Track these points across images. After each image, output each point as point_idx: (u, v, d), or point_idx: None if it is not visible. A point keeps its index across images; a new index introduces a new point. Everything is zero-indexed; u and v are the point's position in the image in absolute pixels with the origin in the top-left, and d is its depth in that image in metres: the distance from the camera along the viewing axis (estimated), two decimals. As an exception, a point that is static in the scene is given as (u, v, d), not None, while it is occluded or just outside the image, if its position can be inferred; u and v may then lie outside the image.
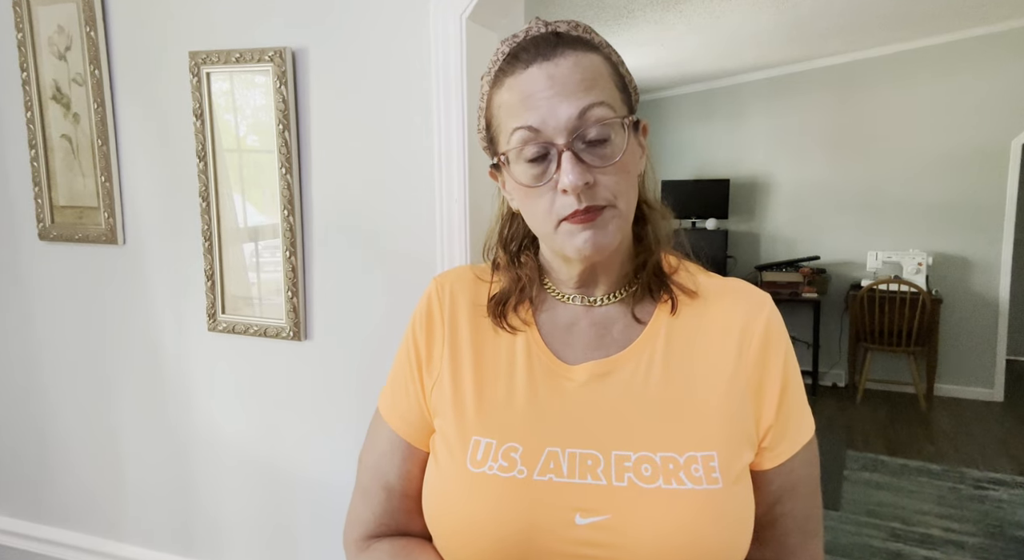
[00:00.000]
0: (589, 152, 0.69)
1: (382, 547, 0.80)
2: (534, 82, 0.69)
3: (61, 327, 1.89)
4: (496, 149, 0.76)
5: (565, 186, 0.67)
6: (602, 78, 0.70)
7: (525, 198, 0.73)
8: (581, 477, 0.68)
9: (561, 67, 0.69)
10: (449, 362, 0.78)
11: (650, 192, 0.81)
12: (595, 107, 0.68)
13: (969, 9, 3.95)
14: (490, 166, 0.80)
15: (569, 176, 0.67)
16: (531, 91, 0.69)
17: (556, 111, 0.67)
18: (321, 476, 1.66)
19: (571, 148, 0.68)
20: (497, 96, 0.73)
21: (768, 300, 0.78)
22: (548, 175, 0.69)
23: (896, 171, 4.73)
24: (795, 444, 0.76)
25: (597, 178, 0.69)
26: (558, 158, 0.68)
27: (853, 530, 2.86)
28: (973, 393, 4.69)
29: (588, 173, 0.68)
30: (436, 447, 0.77)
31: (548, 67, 0.69)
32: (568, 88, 0.68)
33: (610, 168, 0.69)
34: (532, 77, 0.69)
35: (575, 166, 0.67)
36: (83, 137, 1.74)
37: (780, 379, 0.75)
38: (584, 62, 0.70)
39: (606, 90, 0.70)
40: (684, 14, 3.42)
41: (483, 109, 0.77)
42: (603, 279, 0.78)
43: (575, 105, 0.67)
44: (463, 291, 0.83)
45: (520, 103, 0.70)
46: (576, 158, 0.67)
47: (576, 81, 0.68)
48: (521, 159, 0.71)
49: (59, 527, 1.98)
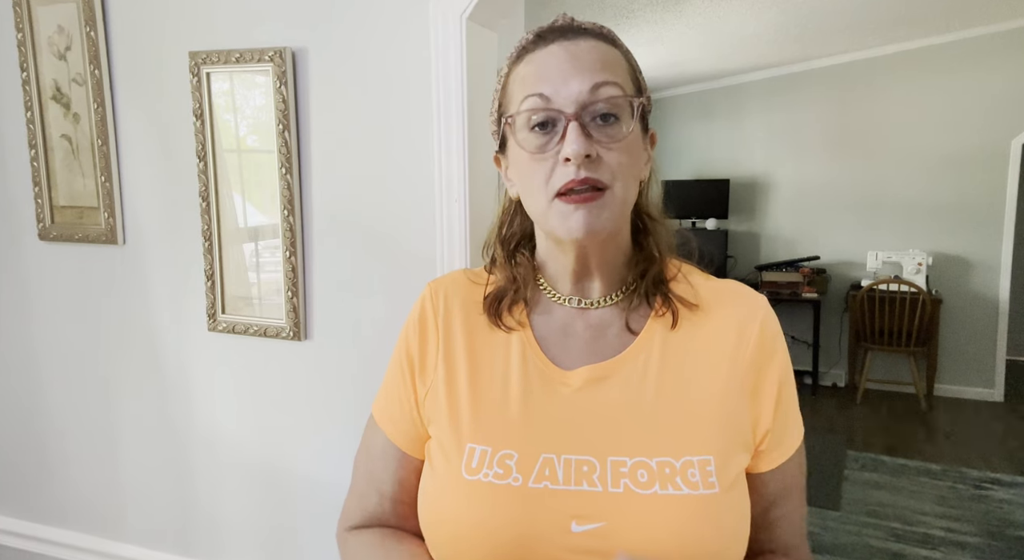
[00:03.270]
0: (595, 127, 0.69)
1: (367, 534, 0.82)
2: (553, 56, 0.71)
3: (61, 327, 1.89)
4: (503, 118, 0.76)
5: (568, 154, 0.68)
6: (618, 65, 0.73)
7: (525, 168, 0.73)
8: (577, 484, 0.68)
9: (581, 47, 0.71)
10: (444, 369, 0.77)
11: (653, 204, 0.81)
12: (607, 85, 0.69)
13: (969, 9, 3.95)
14: (495, 151, 0.80)
15: (573, 145, 0.67)
16: (549, 63, 0.71)
17: (569, 82, 0.69)
18: (321, 476, 1.66)
19: (579, 119, 0.68)
20: (515, 70, 0.75)
21: (764, 302, 0.77)
22: (552, 145, 0.70)
23: (896, 171, 4.73)
24: (791, 447, 0.76)
25: (600, 154, 0.69)
26: (564, 128, 0.69)
27: (853, 530, 2.86)
28: (973, 393, 4.69)
29: (591, 147, 0.68)
30: (432, 454, 0.76)
31: (569, 46, 0.71)
32: (585, 64, 0.70)
33: (614, 146, 0.69)
34: (552, 52, 0.72)
35: (580, 136, 0.68)
36: (83, 137, 1.74)
37: (777, 382, 0.74)
38: (603, 48, 0.72)
39: (620, 75, 0.72)
40: (684, 14, 3.42)
41: (499, 91, 0.78)
42: (599, 278, 0.78)
43: (588, 79, 0.69)
44: (457, 296, 0.82)
45: (535, 73, 0.72)
46: (582, 128, 0.68)
47: (593, 59, 0.70)
48: (527, 126, 0.71)
49: (59, 527, 1.98)
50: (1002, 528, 2.88)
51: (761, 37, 4.07)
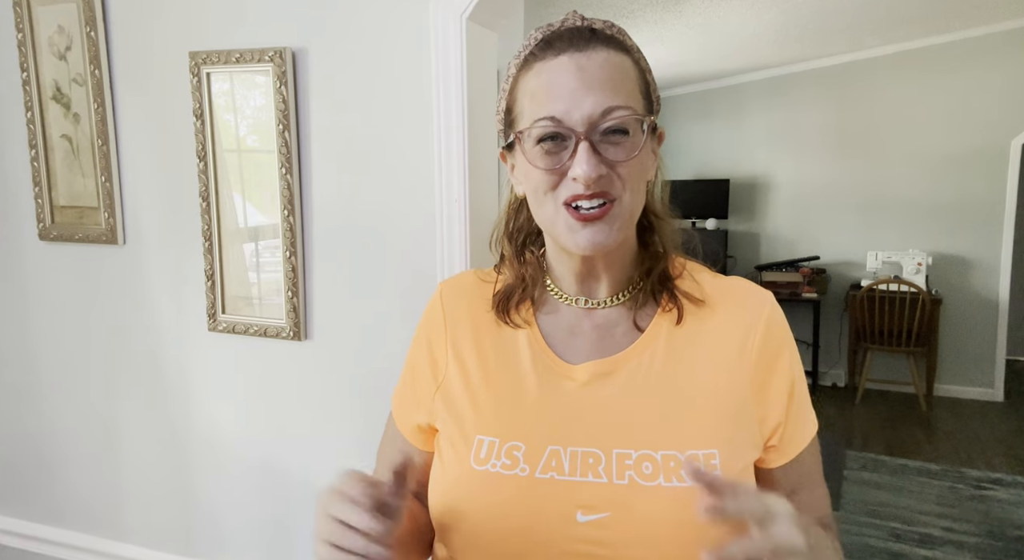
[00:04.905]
0: (606, 144, 0.69)
1: None
2: (564, 71, 0.70)
3: (61, 327, 1.89)
4: (513, 130, 0.76)
5: (577, 175, 0.68)
6: (629, 80, 0.71)
7: (534, 177, 0.73)
8: (583, 475, 0.69)
9: (592, 60, 0.69)
10: (454, 365, 0.80)
11: (658, 202, 0.81)
12: (619, 109, 0.69)
13: (969, 9, 3.95)
14: (502, 147, 0.80)
15: (584, 166, 0.67)
16: (560, 80, 0.70)
17: (581, 104, 0.68)
18: (320, 475, 1.66)
19: (589, 138, 0.68)
20: (524, 80, 0.74)
21: (770, 298, 0.78)
22: (562, 161, 0.70)
23: (896, 171, 4.73)
24: (804, 440, 0.77)
25: (609, 171, 0.69)
26: (575, 146, 0.69)
27: (853, 530, 2.86)
28: (973, 393, 4.69)
29: (601, 165, 0.68)
30: (440, 447, 0.78)
31: (579, 58, 0.70)
32: (596, 83, 0.69)
33: (624, 164, 0.69)
34: (562, 65, 0.70)
35: (591, 157, 0.68)
36: (83, 137, 1.74)
37: (788, 378, 0.75)
38: (614, 61, 0.71)
39: (631, 94, 0.71)
40: (684, 14, 3.43)
41: (506, 91, 0.77)
42: (605, 279, 0.78)
43: (600, 103, 0.68)
44: (467, 295, 0.84)
45: (546, 90, 0.70)
46: (592, 149, 0.68)
47: (604, 77, 0.69)
48: (538, 141, 0.71)
49: (59, 527, 1.98)
50: (1002, 528, 2.88)
51: (761, 37, 4.07)
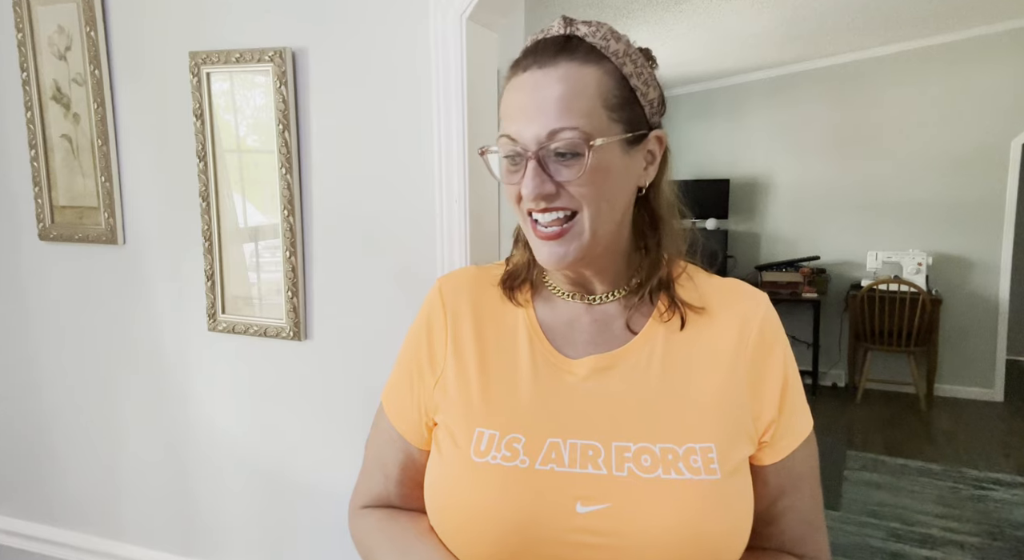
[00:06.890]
0: (556, 163, 0.71)
1: (378, 512, 0.86)
2: (521, 90, 0.72)
3: (61, 327, 1.89)
4: None
5: (523, 194, 0.71)
6: (585, 98, 0.70)
7: (506, 191, 0.78)
8: (582, 467, 0.70)
9: (549, 77, 0.71)
10: (453, 359, 0.80)
11: (664, 205, 0.82)
12: (565, 131, 0.69)
13: (969, 9, 3.95)
14: None
15: (528, 186, 0.71)
16: (516, 100, 0.73)
17: (530, 125, 0.71)
18: (320, 476, 1.66)
19: (538, 158, 0.71)
20: (504, 92, 0.77)
21: (764, 299, 0.80)
22: (519, 176, 0.73)
23: (896, 171, 4.73)
24: (796, 439, 0.78)
25: (560, 188, 0.71)
26: (525, 164, 0.71)
27: (853, 530, 2.86)
28: (973, 393, 4.69)
29: (547, 184, 0.71)
30: (439, 440, 0.79)
31: (538, 76, 0.71)
32: (548, 103, 0.70)
33: (575, 180, 0.71)
34: (523, 83, 0.72)
35: (535, 176, 0.70)
36: (83, 137, 1.74)
37: (781, 376, 0.77)
38: (575, 76, 0.70)
39: (589, 111, 0.70)
40: (684, 14, 3.42)
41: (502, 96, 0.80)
42: (597, 281, 0.80)
43: (545, 125, 0.70)
44: (466, 290, 0.85)
45: (508, 108, 0.74)
46: (539, 167, 0.71)
47: (556, 97, 0.70)
48: (505, 155, 0.75)
49: (59, 527, 1.98)
50: (1002, 528, 2.88)
51: (761, 37, 4.07)
